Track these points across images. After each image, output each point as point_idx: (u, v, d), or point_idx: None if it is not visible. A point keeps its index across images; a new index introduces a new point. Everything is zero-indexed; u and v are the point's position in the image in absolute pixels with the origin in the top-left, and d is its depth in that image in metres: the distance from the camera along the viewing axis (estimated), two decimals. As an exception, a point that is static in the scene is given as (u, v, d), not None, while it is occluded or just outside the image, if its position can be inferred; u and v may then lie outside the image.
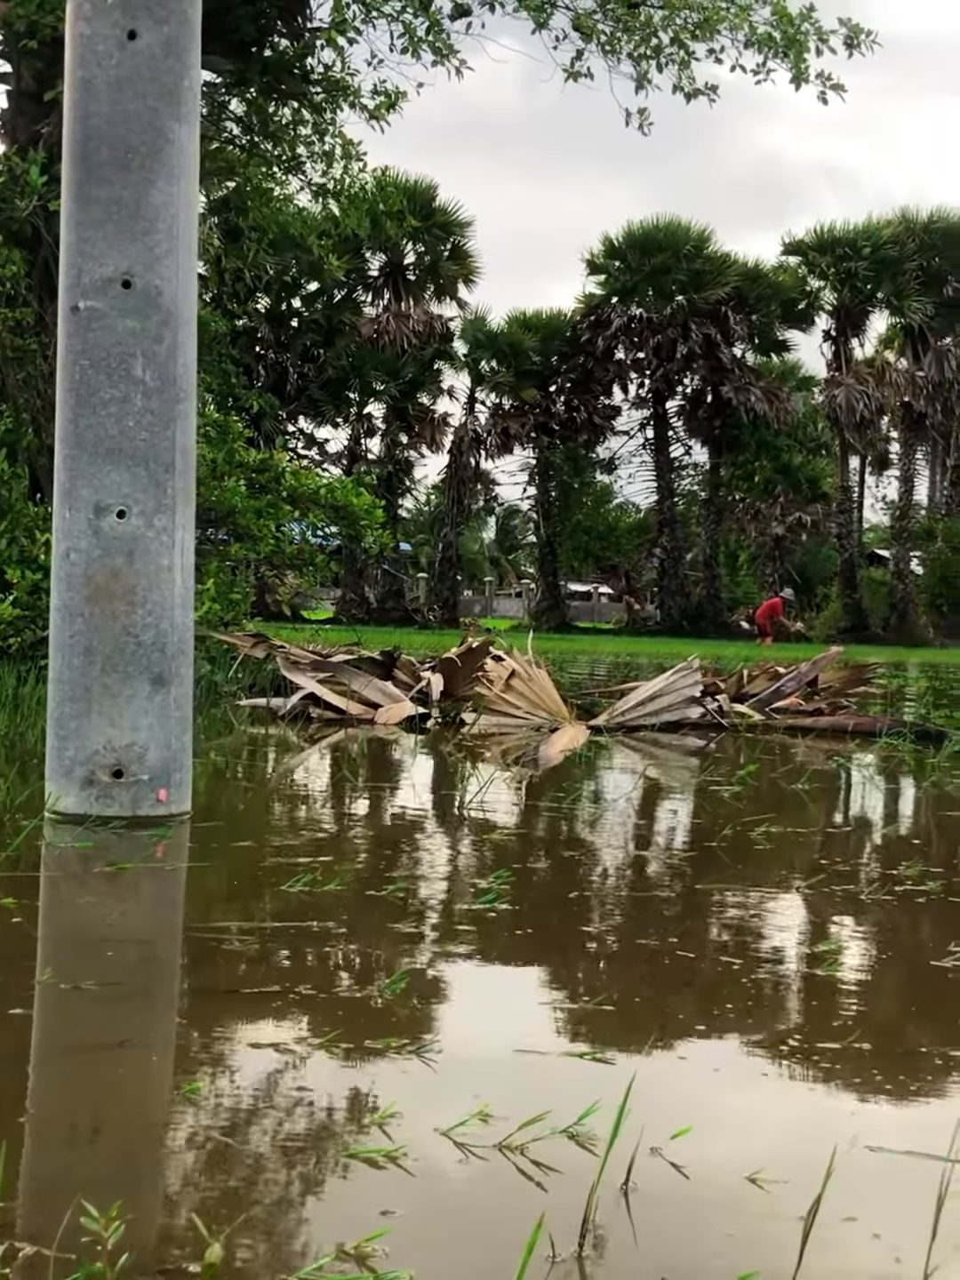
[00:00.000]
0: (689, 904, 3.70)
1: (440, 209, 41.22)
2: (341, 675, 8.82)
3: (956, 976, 2.97)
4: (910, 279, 41.93)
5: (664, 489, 44.39)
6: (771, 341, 44.02)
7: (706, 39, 11.01)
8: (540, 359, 41.72)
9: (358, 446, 41.68)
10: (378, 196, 13.53)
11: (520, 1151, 1.88)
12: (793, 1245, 1.64)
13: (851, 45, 11.15)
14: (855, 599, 43.47)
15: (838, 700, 11.05)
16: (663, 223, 41.55)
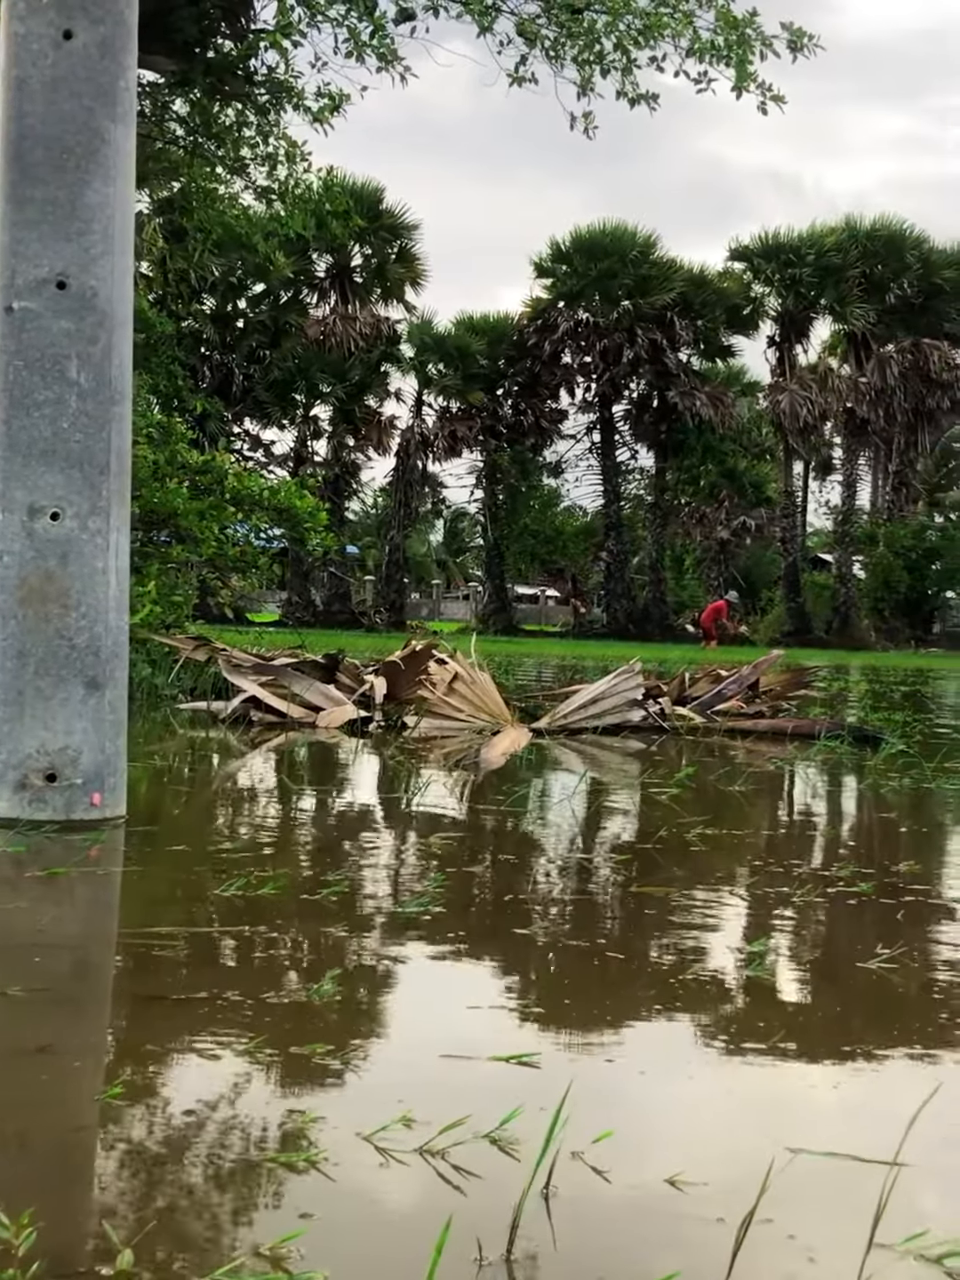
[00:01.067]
0: (622, 906, 3.72)
1: (388, 211, 41.21)
2: (283, 678, 8.79)
3: (883, 977, 3.00)
4: (853, 286, 42.38)
5: (610, 493, 44.60)
6: (717, 347, 44.35)
7: (649, 46, 11.07)
8: (487, 362, 41.80)
9: (304, 448, 41.59)
10: (323, 197, 13.50)
11: (441, 1156, 1.89)
12: (712, 1247, 1.65)
13: (795, 49, 11.25)
14: (799, 603, 43.87)
15: (778, 703, 11.14)
16: (609, 228, 41.78)
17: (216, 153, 12.51)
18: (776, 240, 42.93)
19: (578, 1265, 1.64)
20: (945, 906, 3.76)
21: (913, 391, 42.32)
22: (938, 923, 3.64)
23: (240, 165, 13.14)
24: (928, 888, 4.00)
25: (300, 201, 13.19)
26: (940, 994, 2.97)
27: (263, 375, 39.49)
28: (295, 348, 39.60)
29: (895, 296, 42.96)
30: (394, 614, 41.75)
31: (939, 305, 43.19)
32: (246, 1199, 1.77)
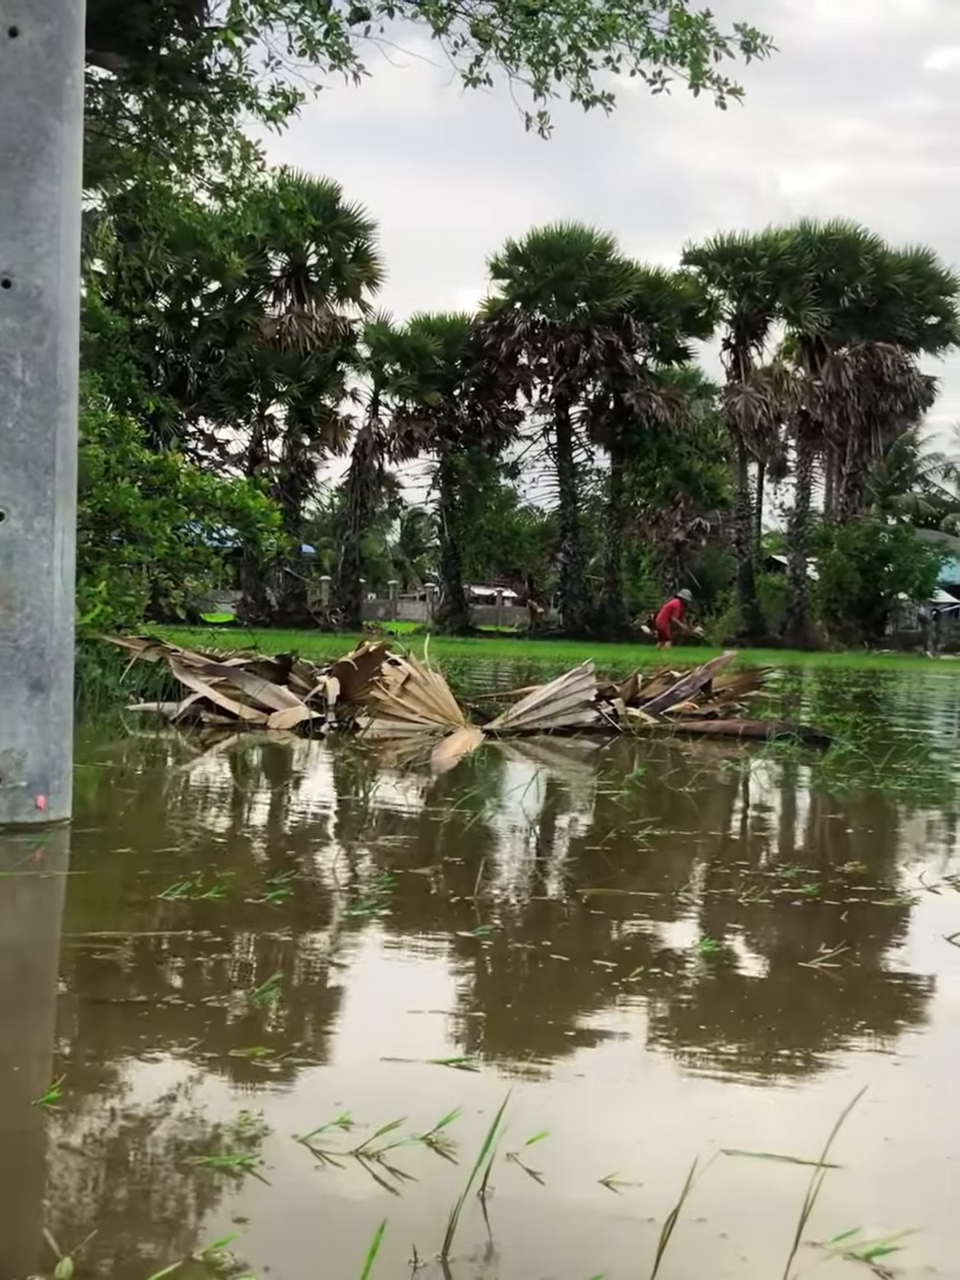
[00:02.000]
0: (568, 908, 3.74)
1: (344, 211, 41.14)
2: (235, 679, 8.76)
3: (824, 978, 3.03)
4: (808, 289, 42.67)
5: (566, 494, 44.70)
6: (672, 349, 44.53)
7: (604, 47, 11.10)
8: (444, 363, 41.79)
9: (259, 448, 41.43)
10: (277, 196, 13.46)
11: (377, 1158, 1.89)
12: (644, 1248, 1.66)
13: (749, 50, 11.31)
14: (753, 604, 44.12)
15: (730, 704, 11.20)
16: (566, 229, 41.87)
17: (169, 151, 12.45)
18: (731, 243, 43.16)
19: (513, 1266, 1.64)
20: (888, 908, 3.79)
21: (866, 395, 42.64)
22: (880, 924, 3.67)
23: (193, 163, 13.08)
24: (872, 889, 4.03)
25: (254, 201, 13.15)
26: (879, 995, 3.00)
27: (218, 374, 39.30)
28: (251, 347, 39.43)
29: (849, 300, 43.27)
30: (350, 614, 41.67)
31: (892, 309, 43.54)
32: (183, 1203, 1.76)
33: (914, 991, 3.07)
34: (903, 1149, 2.13)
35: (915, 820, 5.93)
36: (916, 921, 3.69)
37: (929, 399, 44.40)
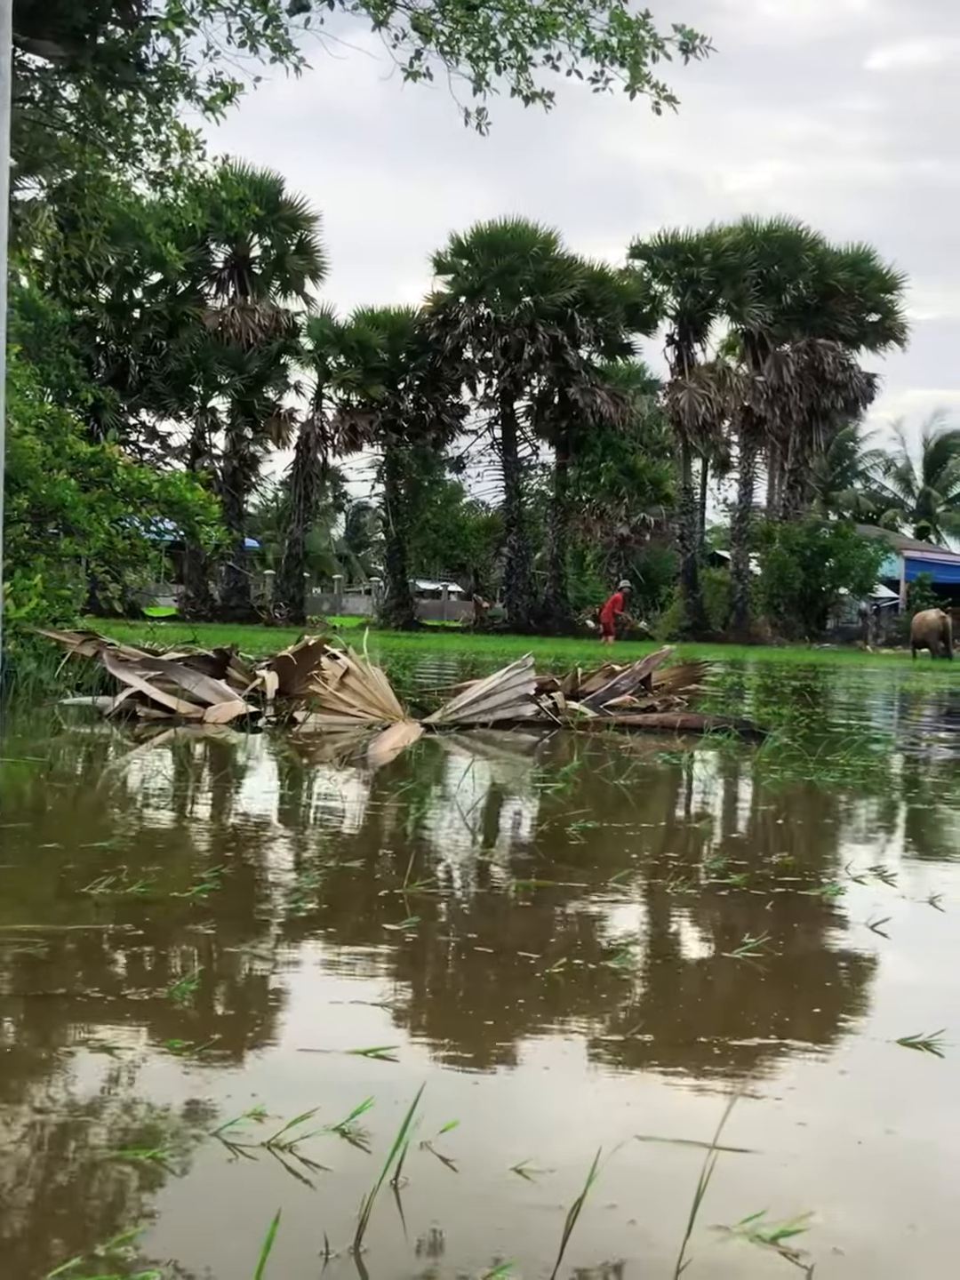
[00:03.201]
0: (495, 900, 3.75)
1: (287, 202, 40.92)
2: (172, 673, 8.70)
3: (746, 967, 3.06)
4: (750, 286, 42.94)
5: (512, 489, 44.72)
6: (617, 344, 44.64)
7: (544, 44, 11.12)
8: (388, 356, 41.67)
9: (202, 441, 41.13)
10: (218, 186, 13.38)
11: (290, 1150, 1.89)
12: (553, 1234, 1.68)
13: (687, 50, 11.37)
14: (696, 598, 44.37)
15: (670, 698, 11.27)
16: (510, 224, 41.87)
17: (107, 140, 12.34)
18: (675, 240, 43.35)
19: (425, 1255, 1.65)
20: (813, 898, 3.83)
21: (808, 391, 42.98)
22: (805, 914, 3.71)
23: (132, 153, 12.97)
24: (798, 880, 4.07)
25: (194, 191, 13.06)
26: (800, 984, 3.04)
27: (159, 366, 38.99)
28: (193, 338, 39.14)
29: (791, 297, 43.60)
30: (294, 609, 41.50)
31: (833, 306, 43.90)
32: (89, 1198, 1.76)
33: (835, 980, 3.11)
34: (816, 1133, 2.15)
35: (845, 812, 6.00)
36: (841, 911, 3.73)
37: (870, 396, 44.80)
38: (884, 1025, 2.74)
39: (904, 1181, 2.00)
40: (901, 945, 3.38)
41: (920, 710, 14.35)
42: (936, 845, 5.30)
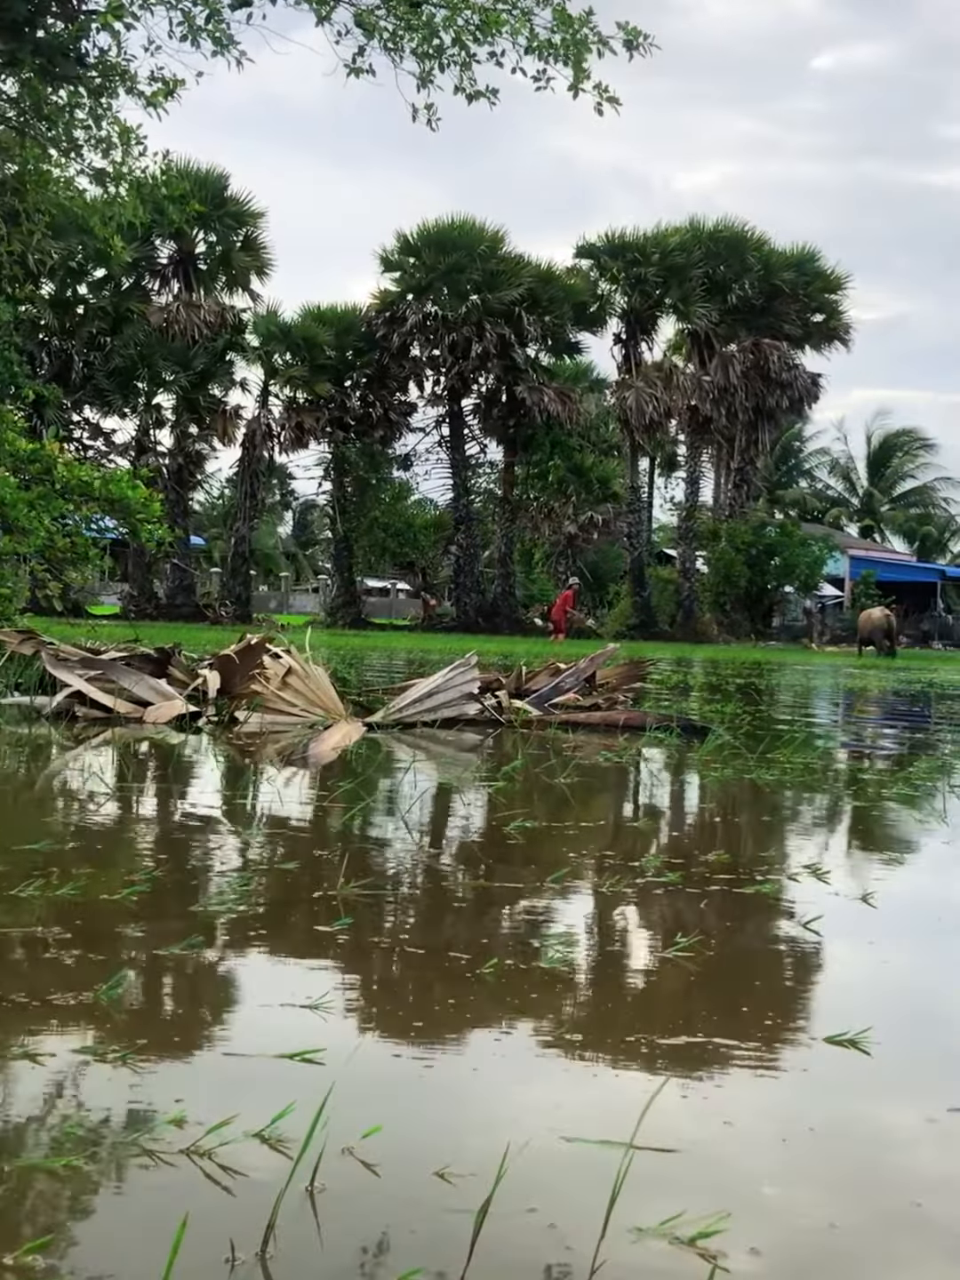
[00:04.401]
0: (429, 902, 3.74)
1: (232, 198, 40.70)
2: (112, 673, 8.62)
3: (677, 966, 3.06)
4: (697, 285, 43.12)
5: (460, 487, 44.70)
6: (564, 343, 44.73)
7: (488, 42, 11.10)
8: (335, 353, 41.51)
9: (146, 438, 40.81)
10: (160, 182, 13.26)
11: (208, 1156, 1.87)
12: (470, 1238, 1.67)
13: (631, 48, 11.37)
14: (644, 597, 44.53)
15: (614, 696, 11.30)
16: (457, 222, 41.83)
17: (48, 134, 12.20)
18: (623, 239, 43.45)
19: (334, 1261, 1.64)
20: (747, 895, 3.85)
21: (753, 390, 43.21)
22: (738, 911, 3.73)
23: (73, 148, 12.83)
24: (733, 877, 4.09)
25: (136, 186, 12.94)
26: (729, 982, 3.05)
27: (103, 362, 38.65)
28: (137, 335, 38.84)
29: (737, 297, 43.81)
30: (240, 607, 41.27)
31: (779, 306, 44.18)
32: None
33: (765, 979, 3.12)
34: (742, 1132, 2.16)
35: (783, 809, 6.03)
36: (774, 909, 3.75)
37: (814, 395, 45.12)
38: (812, 1023, 2.75)
39: (827, 1180, 2.01)
40: (832, 943, 3.40)
41: (861, 707, 14.48)
42: (871, 843, 5.34)
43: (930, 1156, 2.12)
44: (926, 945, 3.56)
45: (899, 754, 8.79)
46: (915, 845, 5.28)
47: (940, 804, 5.99)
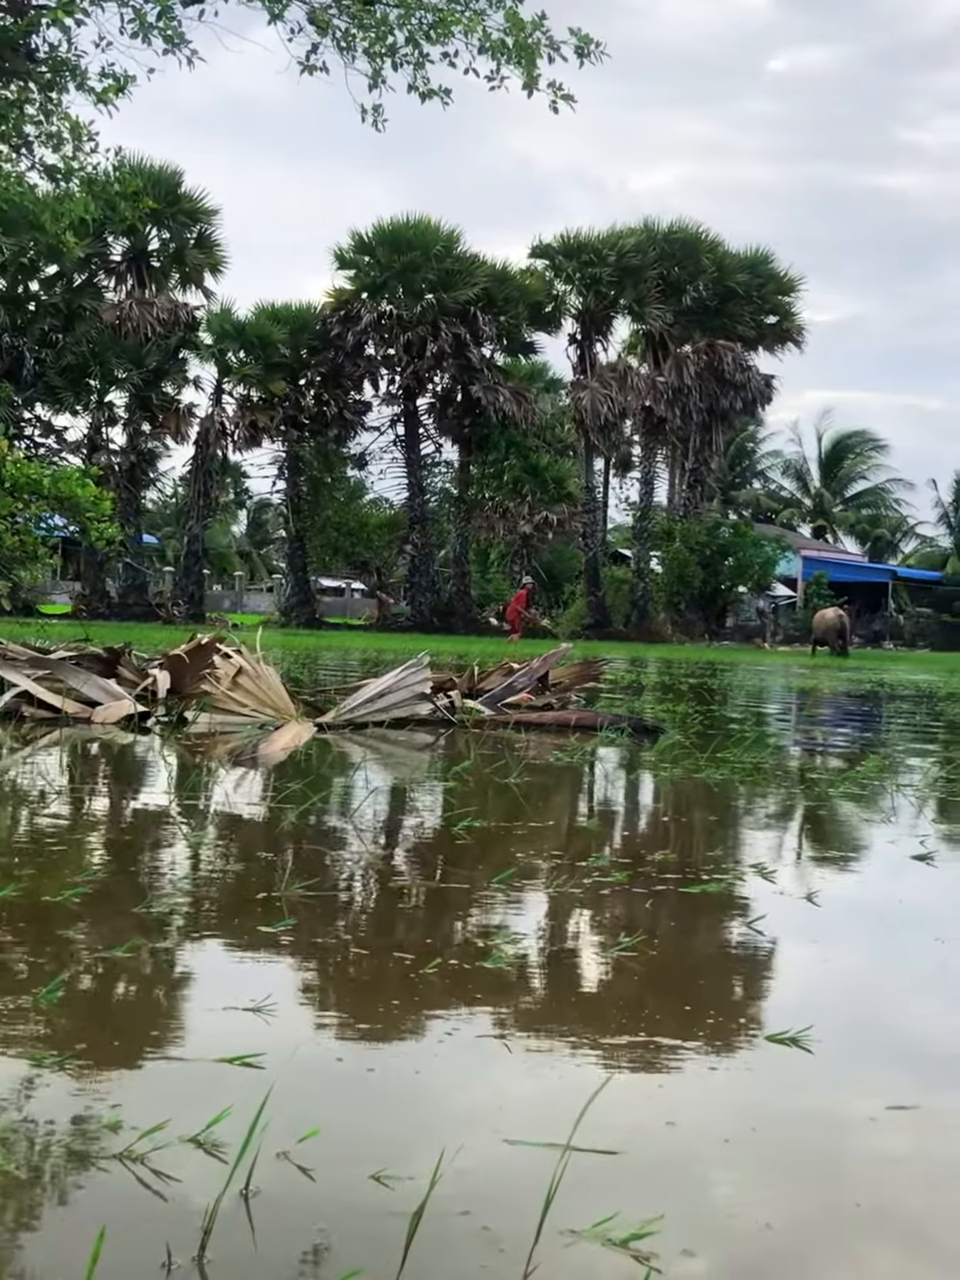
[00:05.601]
0: (374, 902, 3.73)
1: (186, 195, 40.48)
2: (60, 672, 8.55)
3: (621, 966, 3.07)
4: (651, 287, 43.30)
5: (415, 486, 44.67)
6: (519, 343, 44.80)
7: (441, 42, 11.10)
8: (289, 352, 41.35)
9: (98, 435, 40.50)
10: (112, 178, 13.18)
11: (142, 1161, 1.86)
12: (403, 1243, 1.66)
13: (582, 54, 11.41)
14: (599, 596, 44.65)
15: (566, 696, 11.32)
16: (413, 221, 41.80)
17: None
18: (578, 239, 43.56)
19: (270, 1265, 1.63)
20: (693, 895, 3.86)
21: (707, 391, 43.43)
22: (683, 911, 3.74)
23: (24, 143, 12.72)
24: (679, 877, 4.11)
25: (88, 183, 12.85)
26: (672, 982, 3.05)
27: (55, 359, 38.31)
28: (90, 332, 38.54)
29: (691, 298, 44.05)
30: (193, 606, 41.03)
31: (732, 308, 44.44)
32: (-68, 1215, 1.71)
33: (708, 978, 3.13)
34: (683, 1132, 2.16)
35: (731, 809, 6.06)
36: (719, 908, 3.77)
37: (768, 397, 45.42)
38: (755, 1022, 2.77)
39: (767, 1180, 2.02)
40: (776, 942, 3.42)
41: (812, 707, 14.57)
42: (818, 842, 5.37)
43: (870, 1155, 2.13)
44: (869, 944, 3.59)
45: (848, 753, 8.85)
46: (861, 844, 5.32)
47: (887, 803, 6.04)
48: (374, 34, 11.08)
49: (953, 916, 3.91)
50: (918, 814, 5.77)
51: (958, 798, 6.45)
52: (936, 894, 4.21)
